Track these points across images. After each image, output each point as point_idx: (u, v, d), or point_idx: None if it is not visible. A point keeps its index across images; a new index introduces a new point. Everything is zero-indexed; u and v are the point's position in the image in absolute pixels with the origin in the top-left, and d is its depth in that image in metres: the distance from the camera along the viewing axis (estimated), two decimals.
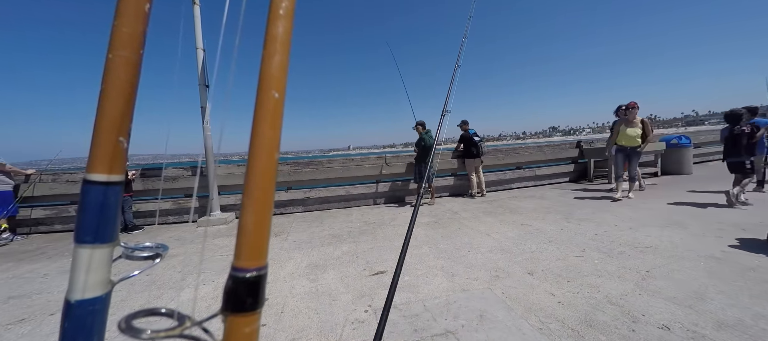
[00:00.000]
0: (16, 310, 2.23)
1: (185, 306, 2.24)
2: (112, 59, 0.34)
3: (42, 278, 2.87)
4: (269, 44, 0.34)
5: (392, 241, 3.40)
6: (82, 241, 0.34)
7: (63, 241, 4.25)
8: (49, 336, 1.89)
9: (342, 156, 6.30)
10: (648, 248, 2.72)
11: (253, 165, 0.33)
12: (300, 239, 3.72)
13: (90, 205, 0.34)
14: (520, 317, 1.80)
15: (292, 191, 5.51)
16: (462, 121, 6.11)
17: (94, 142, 0.34)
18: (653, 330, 1.61)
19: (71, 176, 4.99)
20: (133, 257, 0.40)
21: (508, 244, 3.06)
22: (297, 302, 2.13)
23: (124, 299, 2.32)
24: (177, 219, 5.06)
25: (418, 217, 3.99)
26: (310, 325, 1.84)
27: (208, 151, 4.85)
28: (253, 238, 0.33)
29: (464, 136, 5.90)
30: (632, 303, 1.86)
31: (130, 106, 0.36)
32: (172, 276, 2.74)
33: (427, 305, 1.99)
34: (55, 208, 4.88)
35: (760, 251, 2.46)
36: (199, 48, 4.80)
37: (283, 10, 0.35)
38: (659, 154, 6.88)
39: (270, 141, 0.33)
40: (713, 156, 8.91)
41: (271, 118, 0.33)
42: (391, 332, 1.71)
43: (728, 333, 1.54)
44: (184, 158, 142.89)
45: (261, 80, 0.34)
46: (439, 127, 1.80)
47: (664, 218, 3.60)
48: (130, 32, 0.35)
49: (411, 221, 1.22)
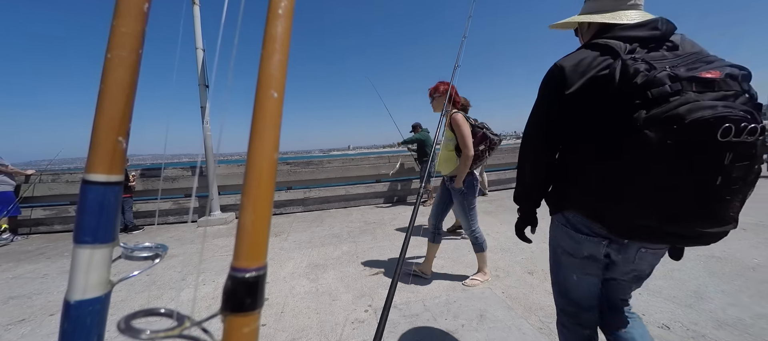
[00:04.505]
0: (16, 310, 2.23)
1: (185, 306, 2.24)
2: (111, 59, 0.34)
3: (42, 278, 2.87)
4: (268, 44, 0.34)
5: (392, 241, 3.40)
6: (82, 241, 0.34)
7: (63, 241, 4.25)
8: (48, 337, 1.88)
9: (342, 156, 6.30)
10: None
11: (253, 165, 0.33)
12: (300, 239, 3.71)
13: (89, 205, 0.34)
14: (520, 317, 1.80)
15: (291, 191, 5.51)
16: None
17: (93, 142, 0.34)
18: (653, 329, 1.61)
19: (71, 176, 4.98)
20: (133, 257, 0.40)
21: (508, 244, 3.05)
22: (297, 302, 2.13)
23: (124, 299, 2.32)
24: (177, 219, 5.06)
25: (418, 217, 4.00)
26: (310, 325, 1.84)
27: (207, 151, 4.85)
28: (252, 238, 0.33)
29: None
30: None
31: (129, 106, 0.35)
32: (172, 276, 2.74)
33: (427, 305, 1.99)
34: (54, 208, 4.88)
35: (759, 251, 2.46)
36: (198, 48, 4.80)
37: (282, 9, 0.35)
38: None
39: (269, 141, 0.33)
40: None
41: (270, 117, 0.33)
42: (391, 332, 1.71)
43: (728, 333, 1.54)
44: (184, 158, 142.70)
45: (260, 80, 0.33)
46: (438, 126, 1.81)
47: None
48: (129, 32, 0.35)
49: (411, 220, 1.22)
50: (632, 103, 0.70)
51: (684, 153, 0.64)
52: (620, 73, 0.73)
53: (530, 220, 1.07)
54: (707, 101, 0.63)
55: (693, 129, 0.62)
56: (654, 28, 0.78)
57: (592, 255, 0.87)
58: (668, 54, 0.74)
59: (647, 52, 0.75)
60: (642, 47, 0.76)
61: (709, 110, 0.61)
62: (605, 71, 0.76)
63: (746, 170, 0.64)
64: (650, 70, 0.69)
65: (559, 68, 0.84)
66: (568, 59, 0.84)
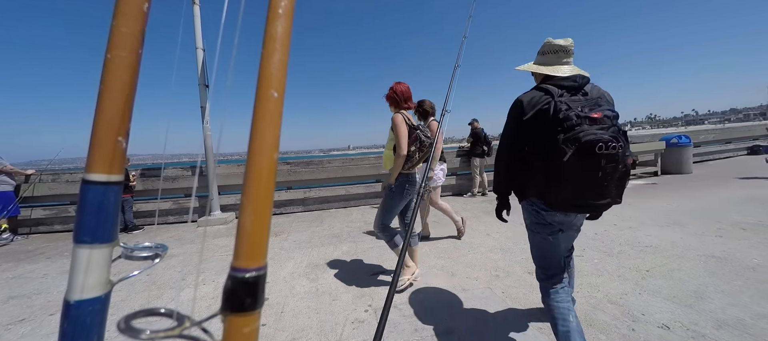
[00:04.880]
0: (16, 310, 2.23)
1: (185, 306, 2.24)
2: (111, 59, 0.34)
3: (42, 278, 2.87)
4: (268, 43, 0.34)
5: None
6: (82, 241, 0.34)
7: (63, 241, 4.25)
8: (48, 337, 1.88)
9: (342, 156, 6.29)
10: (648, 247, 2.72)
11: (253, 165, 0.33)
12: (300, 238, 3.72)
13: (89, 205, 0.34)
14: (520, 316, 1.80)
15: (291, 191, 5.51)
16: (473, 119, 6.05)
17: (93, 142, 0.34)
18: (653, 329, 1.61)
19: (71, 176, 4.98)
20: (133, 257, 0.40)
21: (508, 244, 3.06)
22: (297, 302, 2.13)
23: (124, 299, 2.32)
24: (177, 219, 5.06)
25: (419, 216, 3.99)
26: (310, 325, 1.84)
27: (207, 150, 4.85)
28: (252, 238, 0.33)
29: (477, 133, 5.82)
30: (632, 303, 1.86)
31: (129, 106, 0.35)
32: (172, 276, 2.74)
33: (427, 304, 1.99)
34: (54, 208, 4.88)
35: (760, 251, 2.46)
36: (198, 48, 4.80)
37: (282, 9, 0.35)
38: (659, 153, 6.88)
39: (269, 141, 0.33)
40: (713, 155, 8.92)
41: (270, 117, 0.33)
42: (391, 332, 1.71)
43: (728, 333, 1.54)
44: (184, 158, 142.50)
45: (260, 79, 0.33)
46: (438, 127, 1.80)
47: (664, 217, 3.60)
48: (129, 32, 0.35)
49: (411, 220, 1.22)
50: (557, 128, 1.15)
51: (581, 159, 1.10)
52: (553, 109, 1.18)
53: (506, 205, 1.50)
54: (593, 130, 1.10)
55: (585, 145, 1.08)
56: (574, 81, 1.27)
57: (550, 223, 1.33)
58: (582, 98, 1.22)
59: (570, 96, 1.22)
60: (568, 92, 1.24)
61: (593, 135, 1.08)
62: (546, 106, 1.21)
63: (613, 169, 1.12)
64: (569, 110, 1.15)
65: (520, 101, 1.31)
66: (525, 95, 1.32)
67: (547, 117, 1.19)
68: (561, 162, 1.12)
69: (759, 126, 10.33)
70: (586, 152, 1.08)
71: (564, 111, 1.15)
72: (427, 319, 1.82)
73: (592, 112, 1.14)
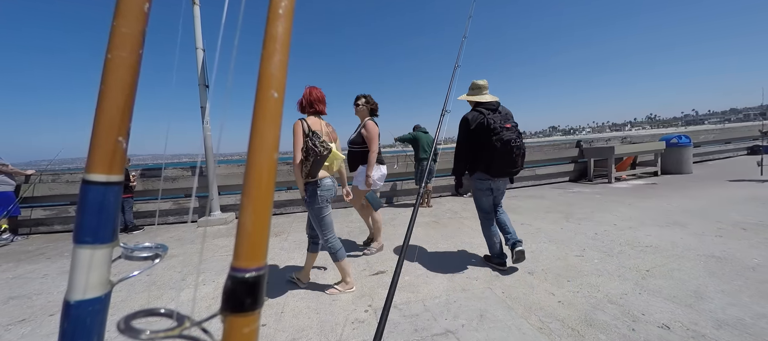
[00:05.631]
0: (16, 310, 2.23)
1: (185, 306, 2.24)
2: (111, 59, 0.34)
3: (42, 278, 2.87)
4: (269, 44, 0.34)
5: (392, 241, 3.40)
6: (82, 241, 0.34)
7: (63, 241, 4.25)
8: (48, 337, 1.88)
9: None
10: (648, 247, 2.72)
11: (253, 165, 0.33)
12: (300, 239, 3.71)
13: (89, 205, 0.34)
14: (520, 316, 1.80)
15: (292, 191, 5.51)
16: None
17: (94, 142, 0.34)
18: (653, 329, 1.61)
19: (71, 176, 4.98)
20: (133, 257, 0.40)
21: None
22: (297, 302, 2.13)
23: (124, 299, 2.32)
24: (177, 219, 5.06)
25: (419, 217, 3.99)
26: (310, 325, 1.84)
27: (207, 151, 4.85)
28: (252, 238, 0.33)
29: None
30: (632, 303, 1.86)
31: (129, 106, 0.35)
32: (172, 276, 2.74)
33: (427, 304, 1.99)
34: (55, 208, 4.88)
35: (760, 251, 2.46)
36: (198, 48, 4.80)
37: (282, 9, 0.35)
38: (659, 153, 6.88)
39: (269, 141, 0.33)
40: (713, 156, 8.92)
41: (270, 117, 0.33)
42: (391, 332, 1.71)
43: (728, 332, 1.54)
44: (184, 158, 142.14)
45: (260, 80, 0.34)
46: (438, 126, 1.80)
47: (664, 217, 3.60)
48: (130, 32, 0.35)
49: (411, 220, 1.22)
50: (490, 132, 2.24)
51: (504, 148, 2.21)
52: (486, 123, 2.26)
53: (461, 183, 2.55)
54: (508, 133, 2.23)
55: (504, 141, 2.20)
56: (492, 103, 2.38)
57: (488, 187, 2.39)
58: (498, 116, 2.31)
59: (492, 114, 2.31)
60: (492, 111, 2.33)
61: (508, 136, 2.22)
62: (482, 120, 2.29)
63: (519, 153, 2.25)
64: (494, 123, 2.25)
65: (467, 119, 2.37)
66: (469, 115, 2.38)
67: (483, 127, 2.27)
68: (495, 150, 2.21)
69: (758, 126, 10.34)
70: (506, 145, 2.20)
71: (492, 124, 2.24)
72: (427, 319, 1.82)
73: (506, 123, 2.27)
